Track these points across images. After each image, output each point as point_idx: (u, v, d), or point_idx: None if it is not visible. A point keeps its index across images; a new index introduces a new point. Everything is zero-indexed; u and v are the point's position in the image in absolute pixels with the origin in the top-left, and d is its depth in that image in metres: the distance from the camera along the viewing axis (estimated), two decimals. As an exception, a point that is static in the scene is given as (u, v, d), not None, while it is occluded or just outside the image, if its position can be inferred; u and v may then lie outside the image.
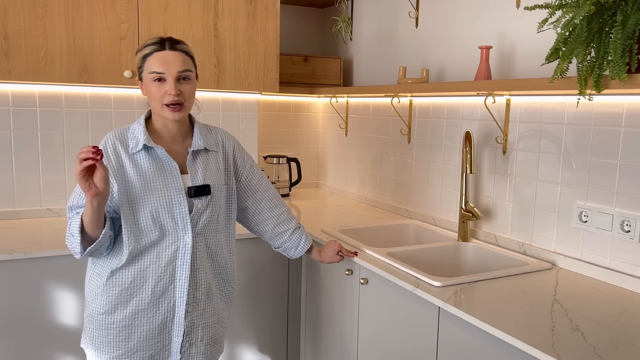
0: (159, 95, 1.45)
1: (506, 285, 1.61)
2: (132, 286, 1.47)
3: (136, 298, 1.47)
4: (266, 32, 2.55)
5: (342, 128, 3.09)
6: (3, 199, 2.30)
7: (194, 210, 1.52)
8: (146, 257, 1.47)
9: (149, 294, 1.47)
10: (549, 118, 1.84)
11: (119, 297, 1.47)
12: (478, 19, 2.14)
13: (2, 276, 1.83)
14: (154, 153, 1.50)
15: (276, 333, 2.33)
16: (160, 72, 1.44)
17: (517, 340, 1.24)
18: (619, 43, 1.26)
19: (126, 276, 1.47)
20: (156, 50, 1.45)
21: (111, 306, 1.47)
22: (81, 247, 1.40)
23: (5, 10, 2.04)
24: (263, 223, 1.77)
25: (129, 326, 1.48)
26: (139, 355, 1.50)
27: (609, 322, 1.35)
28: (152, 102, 1.49)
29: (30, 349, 1.90)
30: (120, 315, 1.47)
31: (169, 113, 1.47)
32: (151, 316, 1.49)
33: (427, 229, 2.32)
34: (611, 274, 1.65)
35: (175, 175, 1.50)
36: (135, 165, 1.47)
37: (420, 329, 1.62)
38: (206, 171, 1.56)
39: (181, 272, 1.50)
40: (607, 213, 1.66)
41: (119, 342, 1.48)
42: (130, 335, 1.48)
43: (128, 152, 1.48)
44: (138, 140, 1.48)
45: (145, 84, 1.48)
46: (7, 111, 2.27)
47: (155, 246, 1.48)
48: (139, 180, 1.47)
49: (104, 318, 1.48)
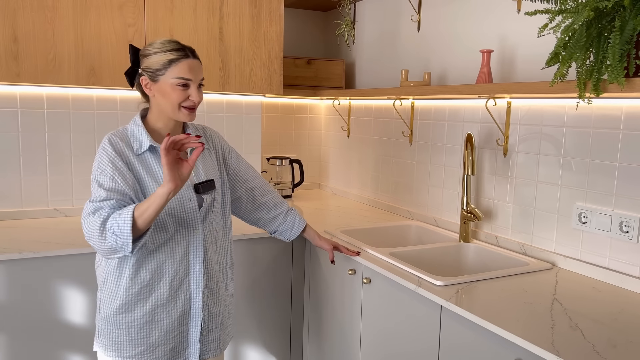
0: (181, 99, 1.49)
1: (507, 285, 1.64)
2: (150, 283, 1.50)
3: (155, 294, 1.51)
4: (270, 35, 2.59)
5: (344, 130, 3.12)
6: (11, 199, 2.34)
7: (204, 204, 1.58)
8: (162, 253, 1.51)
9: (166, 288, 1.52)
10: (549, 121, 1.87)
11: (138, 295, 1.50)
12: (479, 23, 2.18)
13: (12, 275, 1.87)
14: (158, 152, 1.52)
15: (279, 332, 2.36)
16: (189, 79, 1.49)
17: (517, 337, 1.27)
18: (617, 48, 1.30)
19: (144, 274, 1.50)
20: (183, 57, 1.49)
21: (131, 305, 1.50)
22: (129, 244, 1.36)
23: (14, 14, 2.08)
24: (258, 210, 1.85)
25: (149, 322, 1.51)
26: (161, 350, 1.54)
27: (608, 321, 1.38)
28: (166, 104, 1.50)
29: (39, 348, 1.93)
30: (140, 312, 1.50)
31: (186, 115, 1.51)
32: (170, 310, 1.53)
33: (428, 229, 2.35)
34: (610, 274, 1.68)
35: None
36: (144, 165, 1.50)
37: (422, 328, 1.65)
38: (206, 167, 1.62)
39: (195, 264, 1.56)
40: (606, 214, 1.69)
41: (140, 339, 1.51)
42: (151, 330, 1.52)
43: (133, 152, 1.50)
44: (141, 141, 1.51)
45: (163, 86, 1.49)
46: (15, 112, 2.30)
47: (169, 242, 1.52)
48: (150, 179, 1.50)
49: (123, 317, 1.50)
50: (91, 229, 1.38)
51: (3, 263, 1.85)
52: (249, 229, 2.25)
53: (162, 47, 1.49)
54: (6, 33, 2.07)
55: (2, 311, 1.87)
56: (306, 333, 2.39)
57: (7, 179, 2.32)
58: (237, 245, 2.20)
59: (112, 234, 1.35)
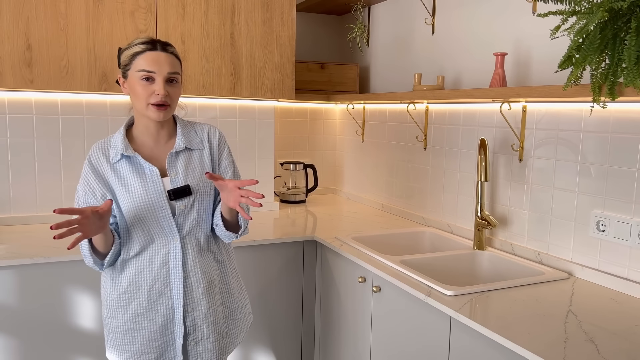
0: (146, 95, 1.44)
1: (520, 295, 1.59)
2: (128, 290, 1.50)
3: (134, 302, 1.50)
4: (282, 40, 2.57)
5: (358, 135, 3.09)
6: (25, 203, 2.36)
7: (177, 212, 1.51)
8: (139, 261, 1.50)
9: (145, 297, 1.49)
10: (566, 125, 1.81)
11: (118, 301, 1.51)
12: (494, 25, 2.13)
13: (23, 280, 1.88)
14: (134, 160, 1.50)
15: (290, 340, 2.34)
16: (151, 71, 1.43)
17: (527, 351, 1.22)
18: (634, 50, 1.24)
19: (122, 281, 1.50)
20: (147, 50, 1.44)
21: (113, 310, 1.52)
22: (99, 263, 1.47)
23: (28, 22, 2.11)
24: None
25: (131, 330, 1.51)
26: (146, 358, 1.51)
27: (625, 334, 1.32)
28: (136, 102, 1.47)
29: (50, 353, 1.94)
30: (122, 319, 1.51)
31: (153, 112, 1.45)
32: (151, 319, 1.50)
33: (442, 236, 2.30)
34: (629, 284, 1.61)
35: (154, 180, 1.48)
36: (116, 174, 1.49)
37: (431, 339, 1.60)
38: (188, 171, 1.54)
39: (174, 274, 1.51)
40: (626, 222, 1.62)
41: (125, 345, 1.52)
42: (133, 338, 1.51)
43: (109, 162, 1.49)
44: (117, 149, 1.49)
45: (131, 82, 1.46)
46: (31, 119, 2.33)
47: (145, 251, 1.50)
48: (121, 188, 1.48)
49: (111, 322, 1.53)
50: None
51: (15, 268, 1.87)
52: (259, 236, 2.24)
53: (133, 41, 1.47)
54: (20, 40, 2.10)
55: (14, 316, 1.88)
56: (317, 341, 2.36)
57: (22, 183, 2.35)
58: (247, 251, 2.19)
59: (84, 255, 1.46)
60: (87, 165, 1.50)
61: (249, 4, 2.48)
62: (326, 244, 2.18)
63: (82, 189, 1.49)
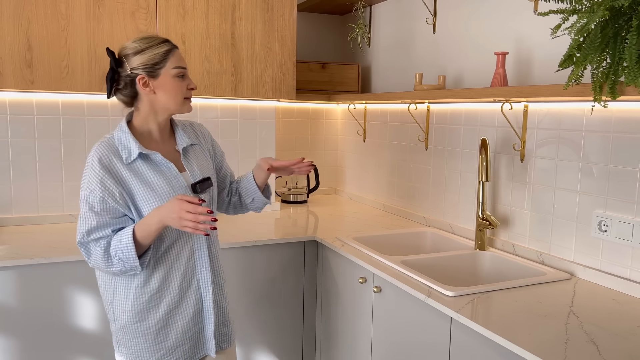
0: (183, 90, 1.50)
1: (521, 296, 1.58)
2: (160, 289, 1.49)
3: (166, 299, 1.49)
4: (283, 40, 2.57)
5: (360, 135, 3.08)
6: (27, 204, 2.37)
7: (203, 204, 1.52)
8: (168, 258, 1.49)
9: (177, 291, 1.50)
10: (568, 124, 1.80)
11: (149, 302, 1.48)
12: (495, 25, 2.12)
13: (24, 281, 1.88)
14: (150, 158, 1.48)
15: (292, 341, 2.33)
16: (184, 68, 1.50)
17: (527, 352, 1.21)
18: (635, 49, 1.23)
19: (154, 282, 1.48)
20: (174, 47, 1.49)
21: (144, 313, 1.48)
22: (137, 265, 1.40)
23: (28, 22, 2.11)
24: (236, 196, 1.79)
25: (164, 327, 1.50)
26: (180, 350, 1.53)
27: (627, 335, 1.31)
28: (168, 99, 1.48)
29: (50, 353, 1.94)
30: (154, 319, 1.49)
31: (188, 106, 1.54)
32: (183, 311, 1.52)
33: (444, 237, 2.29)
34: (631, 285, 1.60)
35: (175, 176, 1.50)
36: (135, 175, 1.44)
37: (432, 339, 1.60)
38: (200, 164, 1.59)
39: (201, 263, 1.54)
40: (627, 222, 1.61)
41: (158, 344, 1.50)
42: (167, 335, 1.51)
43: (123, 162, 1.44)
44: (130, 149, 1.45)
45: (163, 80, 1.46)
46: (32, 119, 2.33)
47: (174, 246, 1.50)
48: (144, 188, 1.44)
49: (138, 327, 1.48)
50: (95, 258, 1.41)
51: (15, 268, 1.87)
52: (260, 236, 2.23)
53: (151, 41, 1.46)
54: (20, 41, 2.10)
55: (14, 316, 1.88)
56: (318, 341, 2.36)
57: (24, 184, 2.35)
58: (248, 251, 2.19)
59: (119, 260, 1.39)
60: (98, 168, 1.40)
61: (250, 4, 2.48)
62: (327, 244, 2.17)
63: (99, 192, 1.39)
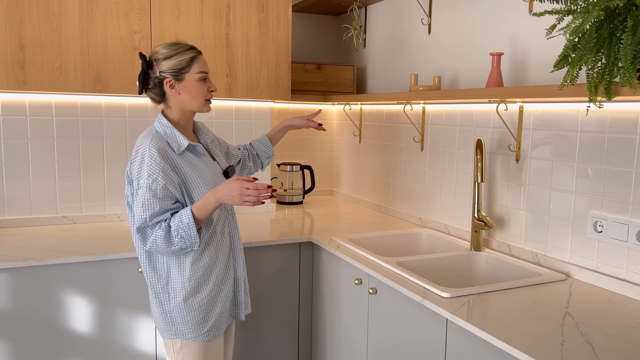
0: (204, 92, 1.69)
1: (517, 297, 1.58)
2: (211, 263, 1.69)
3: (215, 271, 1.70)
4: (278, 40, 2.56)
5: (355, 135, 3.07)
6: (20, 205, 2.35)
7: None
8: (216, 237, 1.71)
9: (224, 264, 1.73)
10: (563, 125, 1.80)
11: (203, 276, 1.67)
12: (492, 25, 2.11)
13: (16, 283, 1.87)
14: (194, 149, 1.70)
15: (287, 342, 2.32)
16: (207, 72, 1.70)
17: (523, 354, 1.21)
18: (630, 49, 1.23)
19: (205, 258, 1.67)
20: (199, 53, 1.68)
21: (199, 287, 1.66)
22: (197, 241, 1.58)
23: (21, 22, 2.09)
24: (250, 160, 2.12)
25: (214, 297, 1.70)
26: (226, 315, 1.75)
27: (623, 336, 1.31)
28: (192, 100, 1.67)
29: (43, 355, 1.92)
30: (206, 291, 1.68)
31: (209, 107, 1.73)
32: (227, 281, 1.75)
33: (440, 237, 2.28)
34: (627, 286, 1.60)
35: (213, 164, 1.74)
36: (188, 164, 1.66)
37: (428, 341, 1.59)
38: (222, 153, 1.93)
39: (236, 237, 1.80)
40: (623, 223, 1.61)
41: (208, 314, 1.68)
42: (215, 304, 1.70)
43: (175, 153, 1.63)
44: (179, 142, 1.65)
45: (188, 83, 1.65)
46: (25, 120, 2.32)
47: (218, 226, 1.72)
48: (195, 175, 1.65)
49: (192, 301, 1.66)
50: (156, 240, 1.56)
51: (8, 271, 1.85)
52: (256, 237, 2.22)
53: (179, 48, 1.66)
54: (13, 41, 2.09)
55: (7, 318, 1.87)
56: (314, 342, 2.35)
57: (17, 185, 2.33)
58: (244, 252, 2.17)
59: (180, 238, 1.56)
60: (158, 158, 1.57)
61: (245, 5, 2.47)
62: (322, 245, 2.16)
63: (162, 180, 1.56)
